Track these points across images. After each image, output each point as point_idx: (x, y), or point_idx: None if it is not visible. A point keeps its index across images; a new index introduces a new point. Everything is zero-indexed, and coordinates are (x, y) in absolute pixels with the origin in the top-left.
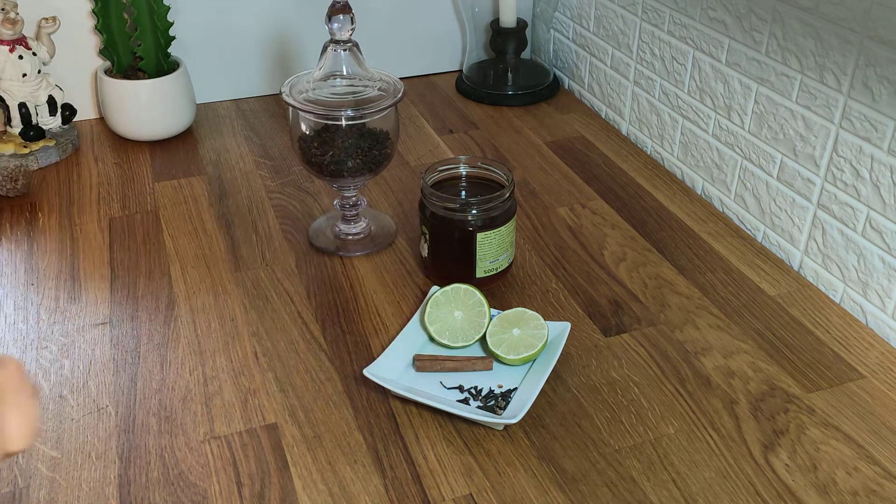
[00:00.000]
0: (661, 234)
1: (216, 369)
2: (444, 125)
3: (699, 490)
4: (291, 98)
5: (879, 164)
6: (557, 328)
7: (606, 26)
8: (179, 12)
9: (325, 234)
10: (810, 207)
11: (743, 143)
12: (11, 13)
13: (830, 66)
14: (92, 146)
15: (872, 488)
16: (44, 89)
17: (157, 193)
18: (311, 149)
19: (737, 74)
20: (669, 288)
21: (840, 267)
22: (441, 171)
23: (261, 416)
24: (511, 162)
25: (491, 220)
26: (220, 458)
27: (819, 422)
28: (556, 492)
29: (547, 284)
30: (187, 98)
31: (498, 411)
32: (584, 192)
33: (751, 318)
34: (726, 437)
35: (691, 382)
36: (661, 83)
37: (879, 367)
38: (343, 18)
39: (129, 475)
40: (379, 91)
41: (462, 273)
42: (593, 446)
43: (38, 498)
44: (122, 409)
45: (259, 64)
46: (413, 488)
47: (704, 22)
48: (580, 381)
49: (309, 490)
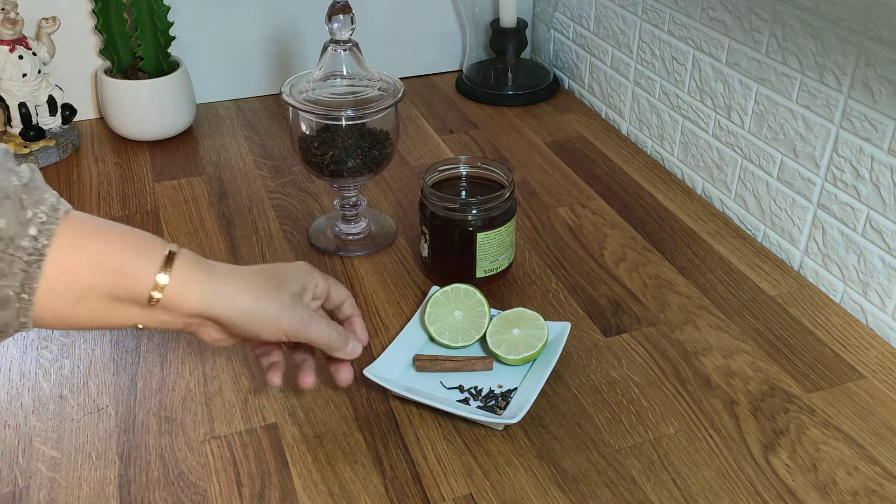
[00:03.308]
0: (661, 234)
1: (216, 369)
2: (444, 125)
3: (699, 490)
4: (291, 98)
5: (879, 164)
6: (557, 328)
7: (606, 26)
8: (179, 12)
9: (325, 234)
10: (810, 207)
11: (743, 143)
12: (11, 13)
13: (830, 66)
14: (92, 146)
15: (872, 488)
16: (44, 89)
17: (157, 193)
18: (311, 149)
19: (737, 74)
20: (669, 288)
21: (840, 267)
22: (441, 171)
23: (261, 416)
24: (511, 162)
25: (491, 220)
26: (220, 458)
27: (819, 422)
28: (556, 492)
29: (547, 284)
30: (187, 98)
31: (498, 411)
32: (584, 192)
33: (751, 318)
34: (726, 437)
35: (691, 382)
36: (661, 83)
37: (879, 367)
38: (343, 18)
39: (129, 475)
40: (379, 91)
41: (462, 273)
42: (593, 446)
43: (38, 498)
44: (122, 409)
45: (259, 64)
46: (413, 488)
47: (704, 22)
48: (580, 381)
49: (309, 490)
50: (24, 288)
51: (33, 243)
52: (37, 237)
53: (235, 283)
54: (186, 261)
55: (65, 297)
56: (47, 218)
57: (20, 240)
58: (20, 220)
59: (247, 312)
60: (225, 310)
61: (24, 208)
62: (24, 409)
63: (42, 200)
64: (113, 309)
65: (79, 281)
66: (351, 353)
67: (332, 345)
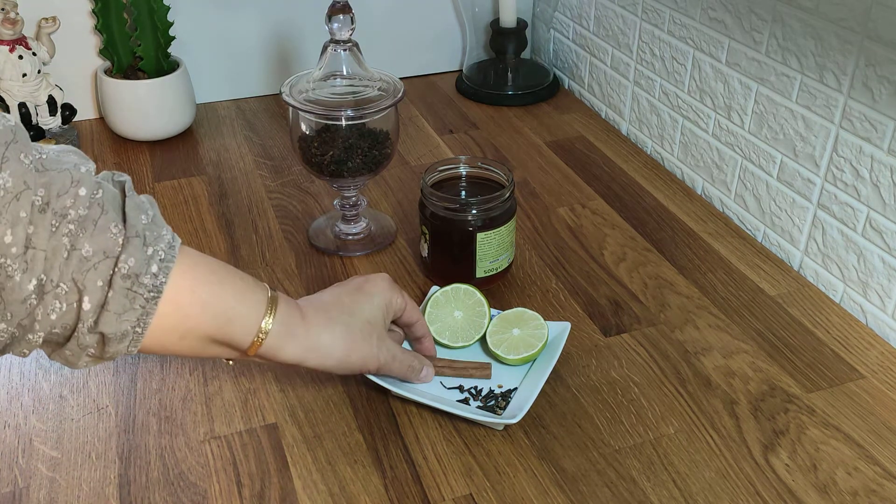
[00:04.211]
0: (661, 234)
1: (216, 369)
2: (444, 125)
3: (699, 490)
4: (291, 98)
5: (879, 164)
6: (557, 328)
7: (606, 26)
8: (179, 12)
9: (325, 234)
10: (810, 207)
11: (743, 143)
12: (11, 13)
13: (830, 66)
14: (92, 146)
15: (872, 488)
16: (44, 89)
17: (157, 193)
18: (311, 149)
19: (737, 74)
20: (669, 288)
21: (840, 267)
22: (441, 171)
23: (261, 416)
24: (511, 162)
25: (491, 220)
26: (220, 458)
27: (819, 422)
28: (556, 492)
29: (547, 284)
30: (187, 98)
31: (498, 411)
32: (584, 192)
33: (751, 318)
34: (726, 437)
35: (691, 382)
36: (661, 83)
37: (879, 367)
38: (343, 18)
39: (129, 475)
40: (379, 91)
41: (462, 273)
42: (593, 446)
43: (38, 498)
44: (122, 409)
45: (259, 64)
46: (413, 488)
47: (704, 22)
48: (580, 381)
49: (309, 490)
50: (140, 322)
51: (153, 280)
52: (157, 274)
53: (330, 335)
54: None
55: (173, 333)
56: (165, 255)
57: (143, 277)
58: (144, 258)
59: (339, 364)
60: (318, 364)
61: (147, 245)
62: (24, 409)
63: (161, 238)
64: (212, 348)
65: (188, 319)
66: (424, 378)
67: (409, 376)
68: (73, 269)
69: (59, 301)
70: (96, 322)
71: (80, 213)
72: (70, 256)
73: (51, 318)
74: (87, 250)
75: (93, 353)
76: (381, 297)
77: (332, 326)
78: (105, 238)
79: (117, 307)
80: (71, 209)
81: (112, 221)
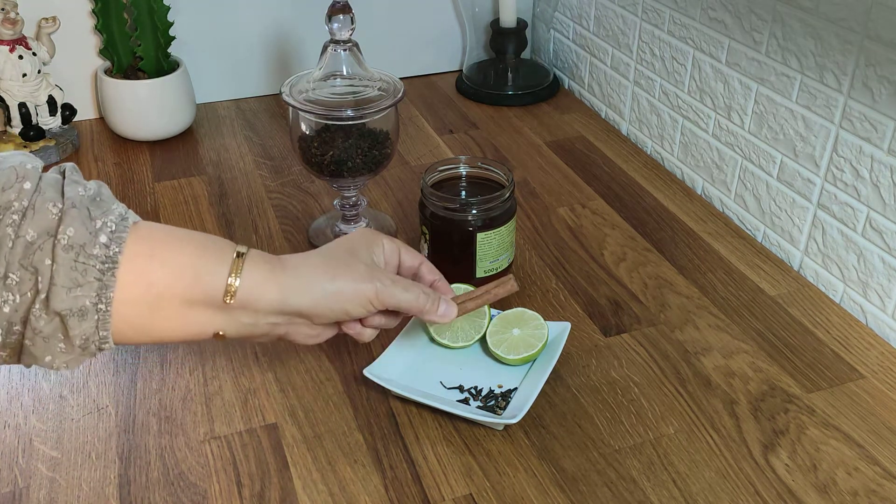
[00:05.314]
0: (661, 234)
1: (216, 369)
2: (444, 125)
3: (699, 490)
4: (291, 98)
5: (879, 164)
6: (557, 328)
7: (606, 26)
8: (179, 12)
9: (325, 234)
10: (810, 207)
11: (743, 143)
12: (11, 13)
13: (830, 66)
14: (92, 146)
15: (872, 488)
16: (44, 89)
17: (157, 193)
18: (311, 149)
19: (737, 74)
20: (669, 288)
21: (840, 267)
22: (441, 171)
23: (261, 416)
24: (511, 162)
25: (491, 220)
26: (220, 458)
27: (819, 422)
28: (556, 492)
29: (547, 284)
30: (187, 98)
31: (498, 411)
32: (584, 192)
33: (751, 318)
34: (726, 437)
35: (691, 382)
36: (661, 83)
37: (879, 367)
38: (343, 18)
39: (129, 475)
40: (379, 91)
41: (462, 273)
42: (593, 446)
43: (38, 498)
44: (122, 409)
45: (259, 64)
46: (413, 488)
47: (704, 22)
48: (580, 381)
49: (309, 490)
50: (101, 297)
51: (104, 251)
52: (108, 244)
53: (308, 270)
54: (257, 258)
55: (141, 306)
56: (116, 227)
57: (91, 248)
58: (89, 229)
59: (327, 294)
60: (305, 298)
61: (92, 218)
62: (24, 409)
63: (110, 211)
64: (189, 315)
65: (153, 287)
66: (444, 315)
67: (423, 306)
68: (18, 256)
69: (11, 292)
70: (47, 301)
71: (24, 203)
72: (15, 245)
73: (4, 311)
74: (32, 234)
75: (62, 348)
76: (359, 234)
77: (308, 258)
78: (46, 218)
79: (64, 280)
80: (15, 202)
81: (50, 201)
